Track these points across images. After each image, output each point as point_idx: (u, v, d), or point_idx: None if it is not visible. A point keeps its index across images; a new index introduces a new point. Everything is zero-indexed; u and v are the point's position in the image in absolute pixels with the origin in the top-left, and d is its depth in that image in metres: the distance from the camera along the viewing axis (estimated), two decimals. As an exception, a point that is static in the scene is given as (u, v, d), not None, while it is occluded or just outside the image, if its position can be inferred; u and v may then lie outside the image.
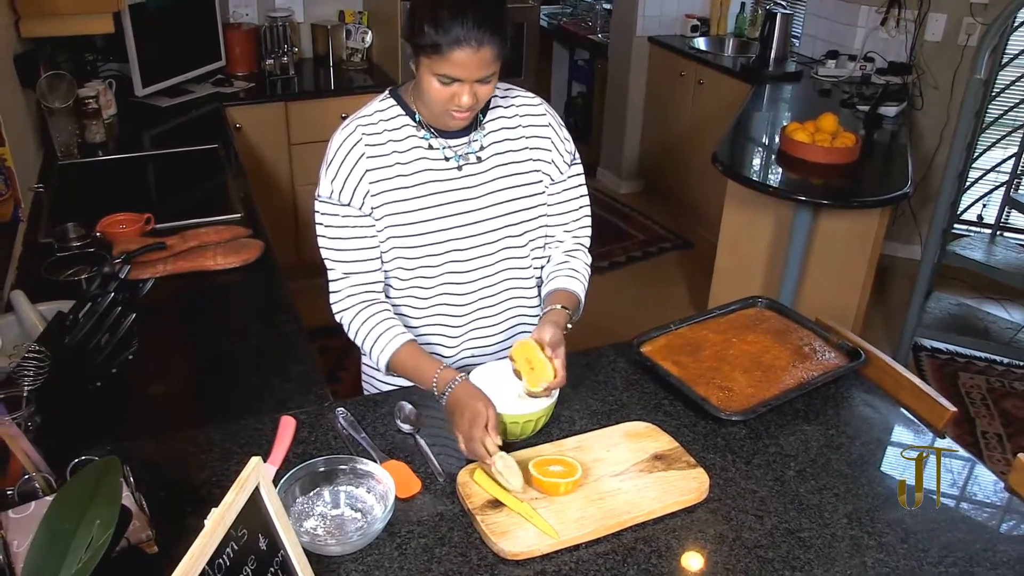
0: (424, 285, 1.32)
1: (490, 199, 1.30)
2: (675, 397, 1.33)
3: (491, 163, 1.30)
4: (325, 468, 1.08)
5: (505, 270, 1.35)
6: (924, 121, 3.56)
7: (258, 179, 2.79)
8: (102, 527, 0.80)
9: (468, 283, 1.33)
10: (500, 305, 1.37)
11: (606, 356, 1.44)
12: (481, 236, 1.30)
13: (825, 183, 2.54)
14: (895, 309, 3.37)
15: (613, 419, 1.27)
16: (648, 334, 1.45)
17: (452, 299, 1.34)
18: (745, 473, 1.17)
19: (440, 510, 1.08)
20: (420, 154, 1.27)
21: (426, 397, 1.30)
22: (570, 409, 1.30)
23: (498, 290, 1.36)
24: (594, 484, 1.11)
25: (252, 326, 1.58)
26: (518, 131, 1.32)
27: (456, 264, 1.31)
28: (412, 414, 1.24)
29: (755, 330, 1.48)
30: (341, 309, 1.31)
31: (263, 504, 0.85)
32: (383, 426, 1.24)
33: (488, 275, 1.34)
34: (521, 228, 1.33)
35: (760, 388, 1.31)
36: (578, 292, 1.36)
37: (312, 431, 1.22)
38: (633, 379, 1.39)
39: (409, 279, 1.32)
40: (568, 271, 1.38)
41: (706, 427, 1.27)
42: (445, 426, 1.23)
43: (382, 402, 1.29)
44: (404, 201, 1.26)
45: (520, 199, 1.32)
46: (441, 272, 1.31)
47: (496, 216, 1.31)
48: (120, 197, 2.12)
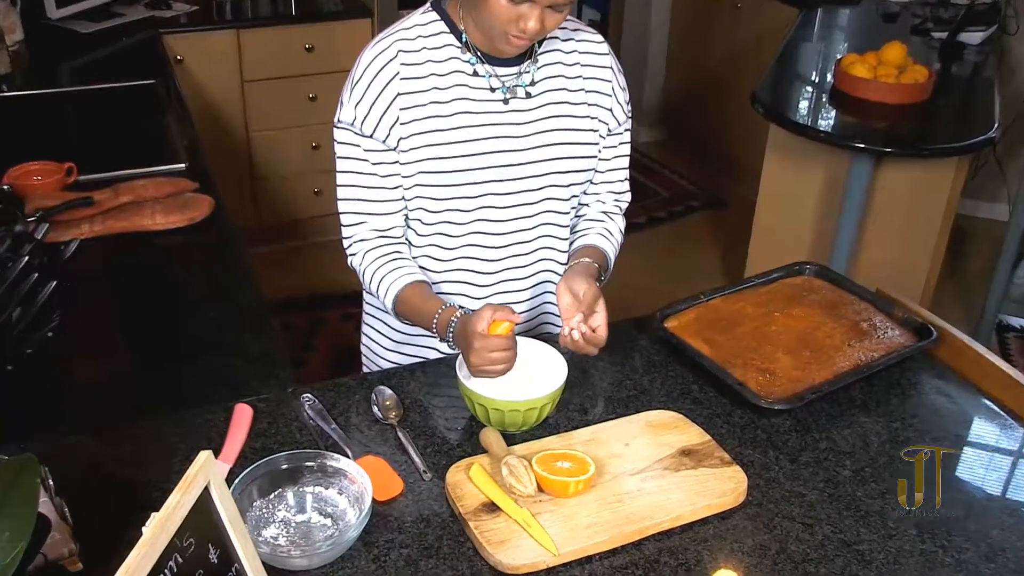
0: (450, 233, 1.34)
1: (537, 140, 1.31)
2: (706, 381, 1.34)
3: (542, 100, 1.32)
4: (288, 465, 1.09)
5: (543, 225, 1.37)
6: (1019, 49, 3.47)
7: (206, 123, 2.77)
8: (12, 540, 0.79)
9: (500, 235, 1.35)
10: (532, 267, 1.40)
11: (624, 333, 1.44)
12: (522, 182, 1.31)
13: (889, 127, 2.53)
14: (974, 280, 3.37)
15: (632, 407, 1.28)
16: (674, 307, 1.46)
17: (480, 253, 1.36)
18: (790, 472, 1.18)
19: (426, 515, 1.08)
20: (461, 80, 1.28)
21: (410, 379, 1.32)
22: (581, 395, 1.30)
23: (532, 248, 1.38)
24: (610, 484, 1.12)
25: (201, 298, 1.58)
26: (575, 70, 1.34)
27: (489, 212, 1.32)
28: (393, 401, 1.25)
29: (802, 302, 1.49)
30: (353, 253, 1.36)
31: (214, 508, 0.85)
32: (358, 415, 1.25)
33: (524, 228, 1.35)
34: (567, 179, 1.35)
35: (808, 371, 1.32)
36: (609, 256, 1.41)
37: (273, 421, 1.23)
38: (656, 360, 1.40)
39: (434, 225, 1.33)
40: (603, 231, 1.43)
41: (743, 417, 1.27)
42: (434, 414, 1.25)
43: (356, 387, 1.30)
44: (438, 133, 1.27)
45: (570, 145, 1.33)
46: (471, 221, 1.33)
47: (542, 160, 1.32)
48: (33, 142, 2.09)
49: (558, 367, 1.25)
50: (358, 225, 1.35)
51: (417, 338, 1.47)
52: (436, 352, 1.46)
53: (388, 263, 1.33)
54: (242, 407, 1.23)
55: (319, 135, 3.27)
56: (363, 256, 1.35)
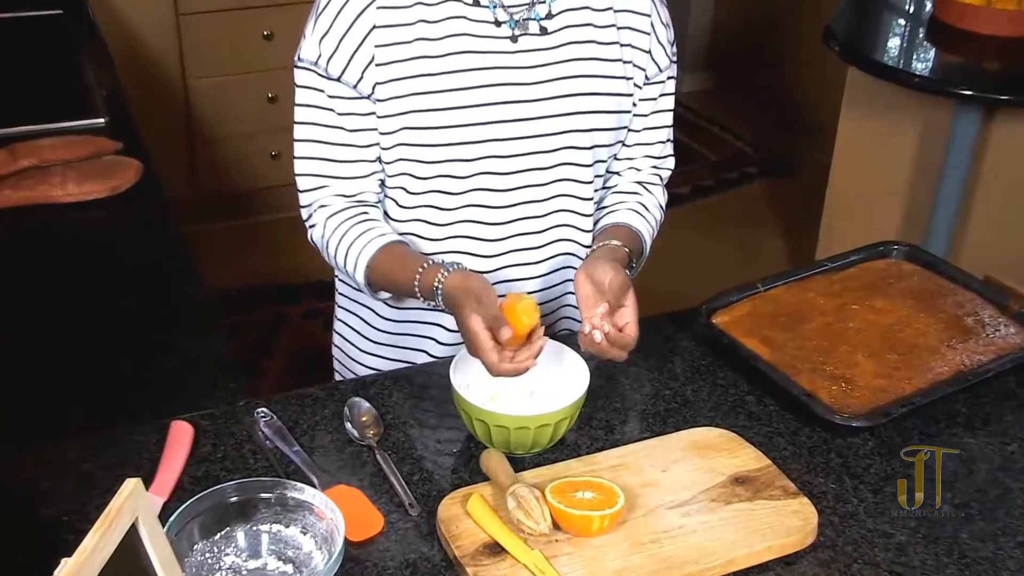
0: (441, 206, 1.34)
1: (553, 89, 1.30)
2: (764, 391, 1.33)
3: (561, 39, 1.31)
4: (239, 498, 1.08)
5: (559, 197, 1.37)
6: None
7: (131, 67, 2.77)
8: None
9: (504, 209, 1.35)
10: (545, 250, 1.39)
11: (662, 330, 1.44)
12: (534, 142, 1.31)
13: (1005, 70, 2.52)
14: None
15: (671, 423, 1.28)
16: (724, 298, 1.46)
17: (478, 232, 1.36)
18: (874, 507, 1.16)
19: (412, 559, 1.07)
20: (457, 10, 1.27)
21: (393, 389, 1.32)
22: (607, 409, 1.30)
23: (545, 226, 1.38)
24: (643, 520, 1.11)
25: (126, 290, 1.58)
26: (605, 1, 1.34)
27: (491, 180, 1.32)
28: (371, 416, 1.25)
29: (888, 292, 1.49)
30: (313, 224, 1.36)
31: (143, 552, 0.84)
32: (327, 434, 1.25)
33: (535, 200, 1.35)
34: (591, 140, 1.35)
35: (895, 379, 1.32)
36: (644, 237, 1.41)
37: (219, 443, 1.23)
38: (701, 365, 1.39)
39: (421, 195, 1.34)
40: (637, 206, 1.42)
41: (812, 437, 1.27)
42: (423, 432, 1.25)
43: (325, 399, 1.30)
44: (426, 79, 1.26)
45: (596, 97, 1.33)
46: (468, 191, 1.33)
47: (559, 115, 1.31)
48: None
49: (578, 373, 1.24)
50: (319, 190, 1.35)
51: (404, 338, 1.46)
52: (426, 355, 1.46)
53: (355, 227, 1.32)
54: (179, 425, 1.23)
55: (277, 83, 3.26)
56: (324, 225, 1.34)
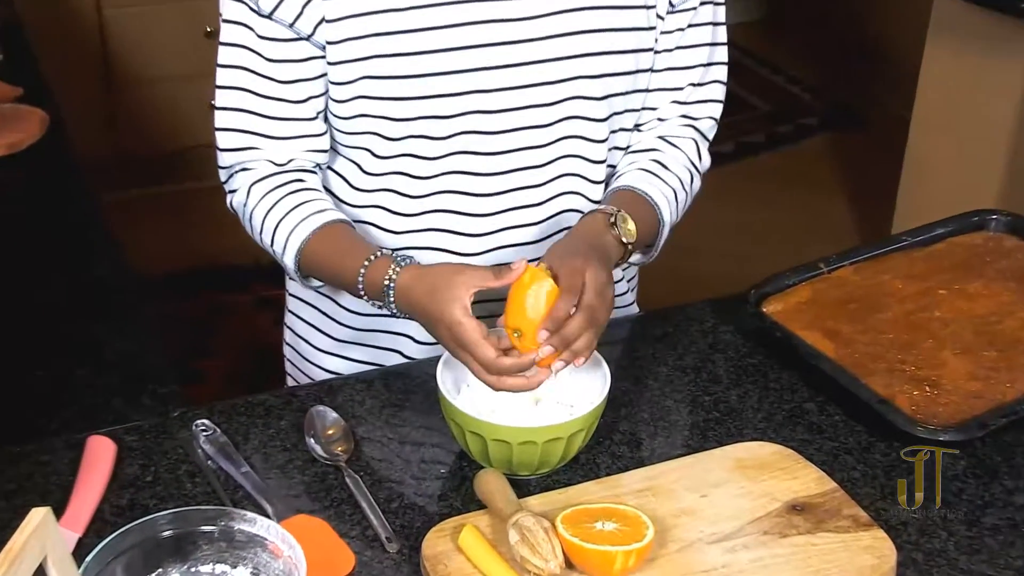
0: (415, 172, 1.34)
1: (554, 25, 1.30)
2: (828, 397, 1.33)
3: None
4: (174, 531, 1.05)
5: (563, 159, 1.37)
6: None
7: (34, -4, 2.75)
8: None
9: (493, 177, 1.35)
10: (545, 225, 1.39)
11: (699, 321, 1.45)
12: (529, 92, 1.31)
13: None
14: None
15: (713, 437, 1.28)
16: (778, 281, 1.46)
17: (461, 204, 1.36)
18: (966, 542, 1.15)
19: (390, 606, 1.07)
20: None
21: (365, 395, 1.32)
22: (633, 419, 1.30)
23: (545, 196, 1.38)
24: (678, 557, 1.09)
25: (27, 270, 1.59)
26: None
27: (476, 140, 1.32)
28: (339, 429, 1.25)
29: (984, 273, 1.49)
30: (234, 188, 1.36)
31: (54, 596, 0.83)
32: (284, 452, 1.24)
33: (533, 165, 1.35)
34: (603, 87, 1.34)
35: (993, 382, 1.31)
36: (658, 206, 1.38)
37: (148, 463, 1.22)
38: (750, 364, 1.40)
39: (390, 158, 1.33)
40: (651, 164, 1.40)
41: (889, 454, 1.27)
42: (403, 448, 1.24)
43: (280, 408, 1.29)
44: (391, 16, 1.25)
45: (610, 34, 1.33)
46: (448, 153, 1.32)
47: (562, 58, 1.31)
48: None
49: (596, 375, 1.23)
50: (243, 152, 1.34)
51: (373, 335, 1.46)
52: (399, 357, 1.45)
53: (286, 198, 1.31)
54: (98, 441, 1.22)
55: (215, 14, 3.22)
56: (248, 192, 1.34)
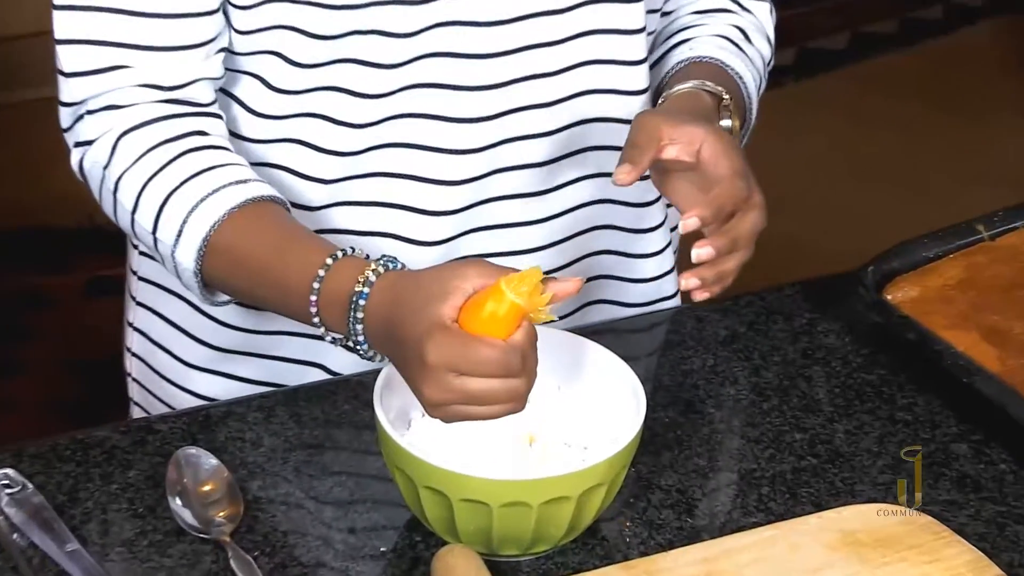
0: (365, 89, 1.27)
1: None
2: (989, 434, 1.21)
3: None
4: None
5: (584, 66, 1.32)
6: None
7: None
8: None
9: (483, 91, 1.29)
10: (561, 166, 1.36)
11: (785, 316, 1.37)
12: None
13: None
14: None
15: (805, 497, 1.15)
16: (910, 254, 1.35)
17: (437, 133, 1.30)
18: None
19: None
20: None
21: (263, 429, 1.20)
22: (681, 467, 1.17)
23: (559, 122, 1.32)
24: None
25: None
26: None
27: (460, 38, 1.27)
28: (219, 484, 1.12)
29: None
30: (88, 140, 1.23)
31: None
32: (134, 519, 1.10)
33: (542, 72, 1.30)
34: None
35: None
36: (743, 78, 1.35)
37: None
38: (864, 382, 1.27)
39: (324, 67, 1.26)
40: (727, 28, 1.39)
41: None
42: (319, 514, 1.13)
43: (127, 452, 1.17)
44: None
45: None
46: (416, 56, 1.26)
47: None
48: None
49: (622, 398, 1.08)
50: (104, 75, 1.20)
51: (277, 340, 1.36)
52: (318, 371, 1.37)
53: (179, 159, 1.20)
54: None
55: None
56: (113, 146, 1.20)
